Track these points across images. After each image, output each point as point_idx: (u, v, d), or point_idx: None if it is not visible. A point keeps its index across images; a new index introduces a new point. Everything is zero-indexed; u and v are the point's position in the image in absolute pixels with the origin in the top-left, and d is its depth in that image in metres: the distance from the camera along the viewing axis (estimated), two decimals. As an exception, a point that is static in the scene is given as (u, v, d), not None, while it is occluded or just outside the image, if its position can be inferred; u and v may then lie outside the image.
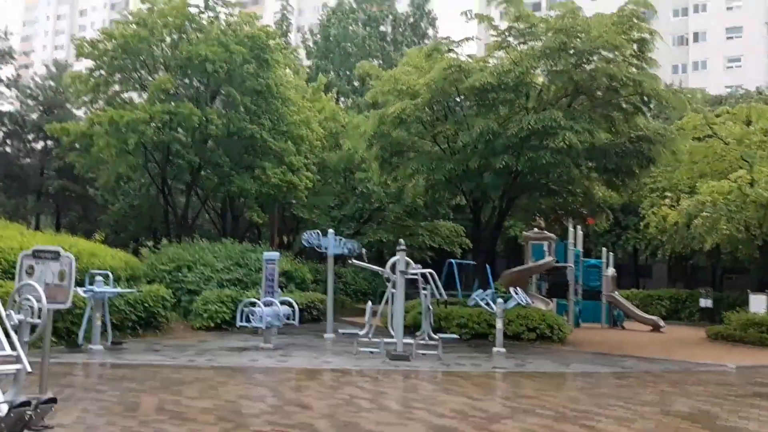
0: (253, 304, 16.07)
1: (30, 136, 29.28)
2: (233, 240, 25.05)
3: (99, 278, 14.87)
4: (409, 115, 18.99)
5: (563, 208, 23.42)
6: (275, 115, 26.38)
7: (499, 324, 16.24)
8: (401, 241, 14.91)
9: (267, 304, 17.42)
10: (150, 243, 24.92)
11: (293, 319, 16.88)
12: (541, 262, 22.34)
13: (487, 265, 22.96)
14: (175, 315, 19.99)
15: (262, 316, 15.67)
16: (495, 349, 15.92)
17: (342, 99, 43.69)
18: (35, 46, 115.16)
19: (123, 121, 22.68)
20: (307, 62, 48.90)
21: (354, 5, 52.24)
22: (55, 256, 7.65)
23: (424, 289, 15.61)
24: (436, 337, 14.86)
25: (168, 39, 24.92)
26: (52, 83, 29.41)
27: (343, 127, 30.45)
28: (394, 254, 15.52)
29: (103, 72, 25.05)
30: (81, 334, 14.66)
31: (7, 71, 28.53)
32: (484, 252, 22.88)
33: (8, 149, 29.08)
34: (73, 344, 14.59)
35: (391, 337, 14.66)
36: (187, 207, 27.07)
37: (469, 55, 20.25)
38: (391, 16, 52.95)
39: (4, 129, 28.65)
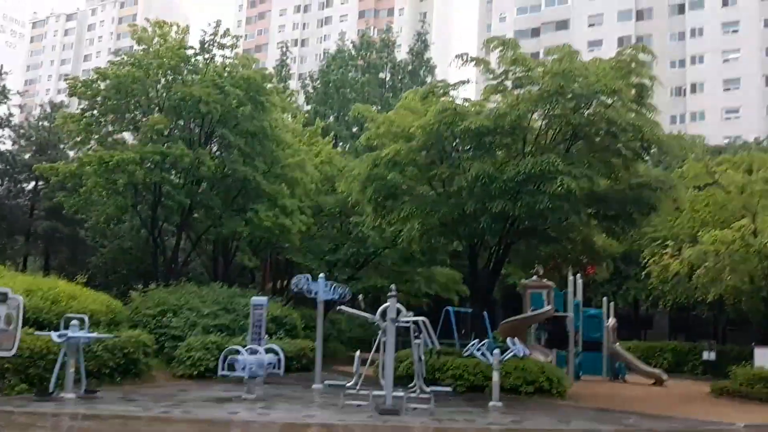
0: (237, 352, 15.30)
1: (21, 176, 28.80)
2: (223, 284, 24.36)
3: (74, 322, 14.16)
4: (404, 157, 18.60)
5: (562, 255, 22.81)
6: (269, 157, 25.99)
7: (495, 376, 15.46)
8: (392, 287, 14.23)
9: (253, 352, 16.70)
10: (140, 286, 24.17)
11: (278, 368, 16.07)
12: (539, 311, 21.62)
13: (485, 314, 22.23)
14: (158, 362, 19.19)
15: (245, 365, 14.90)
16: (491, 403, 15.11)
17: (341, 144, 43.57)
18: (39, 90, 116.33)
19: (113, 161, 22.26)
20: (306, 107, 49.02)
21: (353, 53, 52.68)
22: (2, 298, 7.00)
23: (417, 338, 14.89)
24: (428, 390, 14.06)
25: (162, 80, 24.68)
26: (46, 123, 29.10)
27: (339, 170, 30.02)
28: (386, 301, 14.85)
29: (95, 112, 24.75)
30: (53, 381, 13.82)
31: (1, 110, 28.26)
32: (482, 299, 22.16)
33: (-4, 190, 28.68)
34: (45, 392, 13.76)
35: (381, 389, 13.87)
36: (176, 249, 26.44)
37: (465, 99, 19.94)
38: (390, 64, 53.35)
39: (-5, 168, 28.26)
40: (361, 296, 19.41)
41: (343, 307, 15.74)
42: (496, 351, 15.79)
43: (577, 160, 18.45)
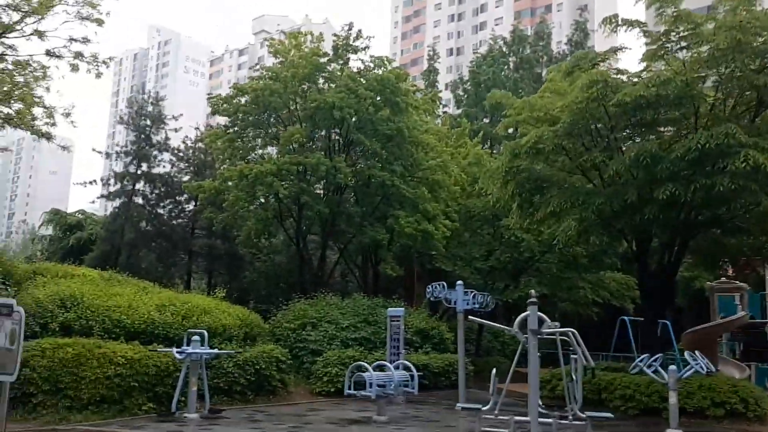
0: (363, 369, 13.86)
1: (182, 197, 29.95)
2: (369, 297, 23.27)
3: (195, 338, 13.54)
4: (548, 143, 16.18)
5: (755, 250, 18.92)
6: (409, 160, 24.62)
7: (672, 398, 12.68)
8: (532, 292, 11.97)
9: (397, 368, 15.23)
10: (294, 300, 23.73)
11: (412, 386, 14.40)
12: (731, 318, 18.06)
13: (666, 323, 18.94)
14: (296, 378, 18.33)
15: (372, 383, 13.41)
16: (669, 430, 12.34)
17: (496, 146, 41.28)
18: (219, 122, 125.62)
19: (252, 174, 22.06)
20: (458, 111, 47.36)
21: (505, 50, 50.14)
22: (7, 311, 6.03)
23: (569, 352, 12.48)
24: (583, 415, 11.61)
25: (299, 90, 24.27)
26: (201, 145, 30.08)
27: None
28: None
29: (236, 128, 24.92)
30: (174, 400, 13.29)
31: (160, 136, 29.66)
32: (656, 306, 18.89)
33: (161, 210, 29.95)
34: (167, 411, 13.22)
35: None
36: (322, 261, 25.85)
37: (618, 70, 17.06)
38: (546, 57, 50.12)
39: (157, 191, 29.57)
40: (491, 303, 17.05)
41: (471, 317, 13.72)
42: (672, 368, 12.93)
43: (765, 130, 14.98)
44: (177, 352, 13.32)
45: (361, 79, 24.25)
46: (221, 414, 13.64)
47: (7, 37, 19.61)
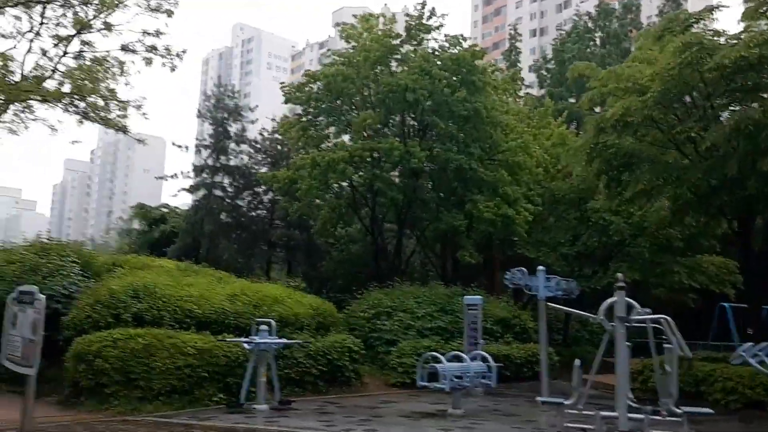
0: (436, 359, 13.11)
1: (262, 188, 30.04)
2: (447, 285, 22.47)
3: (263, 327, 13.20)
4: (636, 115, 14.83)
5: None
6: (487, 142, 23.55)
7: (783, 392, 11.23)
8: (619, 275, 10.87)
9: (472, 358, 14.42)
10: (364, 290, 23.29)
11: (490, 378, 13.53)
12: None
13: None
14: (371, 368, 17.83)
15: (445, 375, 12.64)
16: (779, 429, 10.95)
17: (582, 126, 39.33)
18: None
19: (324, 161, 21.67)
20: (541, 92, 45.56)
21: (590, 25, 47.74)
22: (29, 299, 5.64)
23: (663, 341, 11.28)
24: (678, 410, 10.41)
25: (371, 74, 23.64)
26: (278, 136, 30.07)
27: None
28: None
29: (309, 116, 24.62)
30: (243, 391, 12.99)
31: (237, 128, 29.86)
32: (761, 291, 17.15)
33: (240, 202, 30.18)
34: (236, 403, 12.94)
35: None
36: (398, 248, 25.23)
37: (715, 31, 15.41)
38: (634, 31, 47.34)
39: (235, 183, 29.81)
40: (575, 289, 15.76)
41: (550, 304, 12.68)
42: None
43: None
44: (245, 341, 13.03)
45: (435, 60, 23.34)
46: (291, 405, 13.25)
47: (84, 33, 19.97)
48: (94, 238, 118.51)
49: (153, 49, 20.28)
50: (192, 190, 29.40)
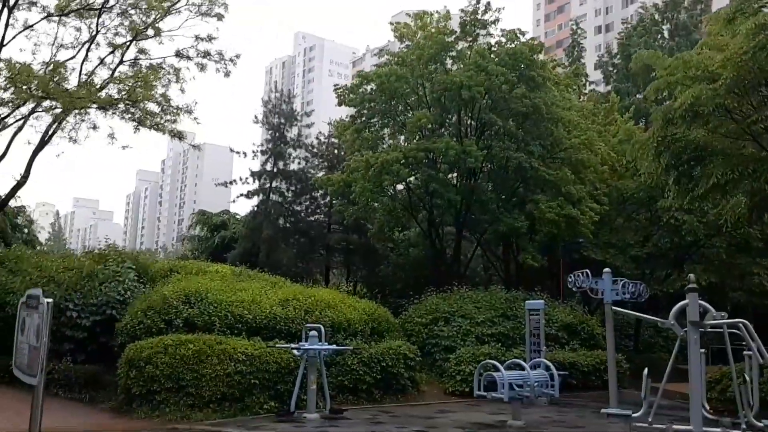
0: (494, 368, 12.42)
1: (320, 193, 29.90)
2: (509, 289, 21.65)
3: (312, 333, 12.81)
4: (707, 104, 13.74)
5: None
6: (548, 139, 22.61)
7: None
8: (691, 277, 9.96)
9: (533, 366, 13.69)
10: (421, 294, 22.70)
11: (551, 387, 12.73)
12: None
13: None
14: (429, 376, 17.22)
15: (504, 384, 11.94)
16: None
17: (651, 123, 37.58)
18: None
19: (377, 163, 21.22)
20: (607, 88, 43.91)
21: (657, 17, 45.71)
22: (34, 302, 5.34)
23: (742, 348, 10.26)
24: (759, 423, 9.42)
25: (424, 72, 23.08)
26: (335, 140, 29.88)
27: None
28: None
29: (363, 117, 24.26)
30: (293, 399, 12.63)
31: (293, 132, 29.83)
32: None
33: (298, 207, 30.11)
34: (286, 411, 12.59)
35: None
36: (457, 252, 24.50)
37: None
38: (705, 21, 45.06)
39: (293, 188, 29.76)
40: (644, 293, 14.64)
41: (615, 307, 11.78)
42: None
43: None
44: (294, 348, 12.68)
45: (492, 56, 22.57)
46: (343, 414, 12.83)
47: (140, 40, 20.22)
48: (165, 245, 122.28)
49: (206, 54, 20.40)
50: (250, 195, 29.53)
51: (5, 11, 17.43)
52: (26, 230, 27.14)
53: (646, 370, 10.20)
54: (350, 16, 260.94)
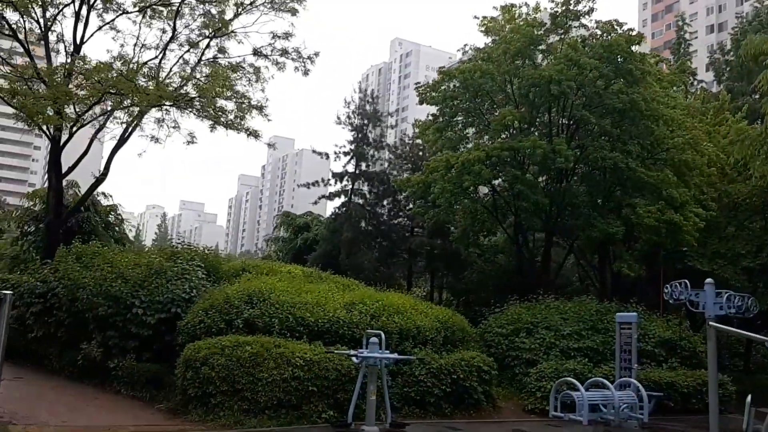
0: (572, 386, 11.04)
1: (403, 195, 29.04)
2: (602, 300, 19.93)
3: (373, 340, 11.89)
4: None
5: None
6: (647, 139, 20.70)
7: None
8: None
9: (622, 386, 12.23)
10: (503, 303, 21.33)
11: (640, 410, 11.20)
12: None
13: None
14: (507, 391, 15.91)
15: (583, 405, 10.55)
16: None
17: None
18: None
19: (458, 162, 20.08)
20: (719, 87, 40.60)
21: (777, 6, 41.85)
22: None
23: None
24: None
25: (511, 68, 21.74)
26: (419, 141, 28.96)
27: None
28: None
29: (446, 116, 23.16)
30: (350, 410, 11.75)
31: (375, 133, 29.15)
32: None
33: (381, 210, 29.35)
34: (343, 422, 11.74)
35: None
36: (545, 259, 22.88)
37: None
38: (831, 14, 40.85)
39: (375, 190, 29.06)
40: (753, 307, 12.68)
41: (715, 324, 10.12)
42: None
43: None
44: (353, 354, 11.81)
45: (585, 48, 20.94)
46: (404, 429, 11.86)
47: (221, 38, 20.12)
48: (262, 248, 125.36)
49: (284, 52, 20.01)
50: (331, 197, 29.09)
51: (84, 9, 17.74)
52: (117, 228, 27.82)
53: (749, 397, 8.58)
54: (449, 22, 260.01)
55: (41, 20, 17.92)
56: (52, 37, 18.50)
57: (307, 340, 13.20)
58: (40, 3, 17.37)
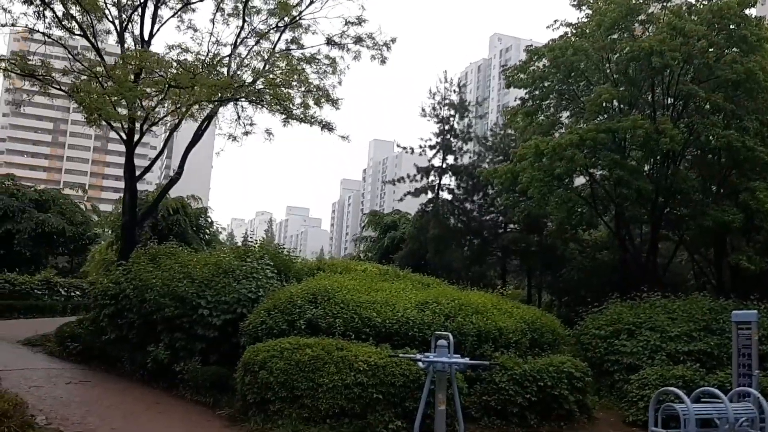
0: (675, 397, 9.28)
1: (493, 190, 27.41)
2: (718, 297, 17.59)
3: (441, 342, 10.58)
4: None
5: None
6: (767, 114, 18.12)
7: None
8: None
9: (738, 396, 10.35)
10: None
11: (760, 425, 9.27)
12: None
13: None
14: (605, 400, 14.15)
15: (688, 420, 8.80)
16: None
17: None
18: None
19: (548, 148, 18.33)
20: None
21: None
22: None
23: None
24: None
25: (607, 42, 19.70)
26: (510, 131, 27.25)
27: None
28: None
29: (537, 99, 21.40)
30: (417, 420, 10.44)
31: (462, 124, 27.68)
32: None
33: (470, 205, 27.80)
34: (410, 435, 10.52)
35: None
36: (651, 253, 20.59)
37: None
38: None
39: (463, 184, 27.57)
40: None
41: None
42: None
43: None
44: (418, 359, 10.54)
45: (691, 16, 18.65)
46: (480, 444, 10.44)
47: (294, 29, 19.52)
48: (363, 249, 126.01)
49: (358, 39, 19.10)
50: (417, 193, 27.88)
51: (150, 3, 17.60)
52: (207, 231, 27.98)
53: None
54: (546, 9, 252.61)
55: (116, 21, 17.94)
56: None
57: (373, 342, 12.11)
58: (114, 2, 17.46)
